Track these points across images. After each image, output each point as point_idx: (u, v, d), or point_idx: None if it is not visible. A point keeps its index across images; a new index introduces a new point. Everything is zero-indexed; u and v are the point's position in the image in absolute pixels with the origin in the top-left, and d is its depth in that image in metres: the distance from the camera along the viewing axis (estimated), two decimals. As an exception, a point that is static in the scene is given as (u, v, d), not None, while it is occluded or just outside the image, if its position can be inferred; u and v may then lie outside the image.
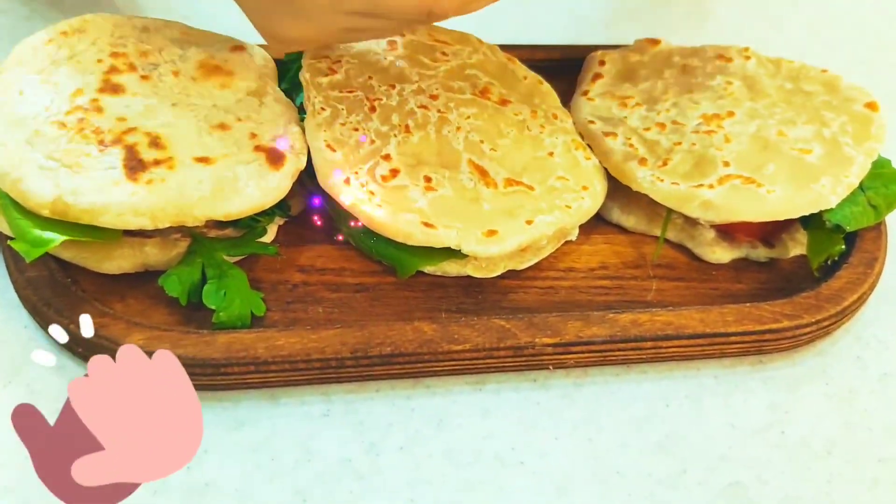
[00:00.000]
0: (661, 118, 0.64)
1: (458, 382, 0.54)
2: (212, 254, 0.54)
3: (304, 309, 0.55)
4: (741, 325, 0.55)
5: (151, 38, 0.60)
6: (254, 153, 0.54)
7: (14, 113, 0.53)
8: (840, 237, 0.58)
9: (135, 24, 0.61)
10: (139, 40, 0.60)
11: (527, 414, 0.53)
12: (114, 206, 0.49)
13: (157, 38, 0.60)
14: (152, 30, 0.61)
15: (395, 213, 0.54)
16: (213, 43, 0.61)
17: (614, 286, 0.59)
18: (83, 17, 0.60)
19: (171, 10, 0.75)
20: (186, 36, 0.61)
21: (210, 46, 0.61)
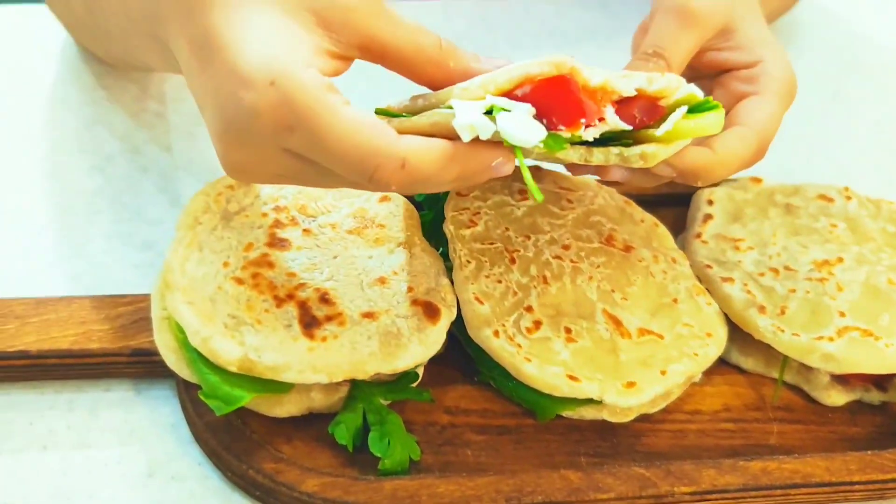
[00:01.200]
0: (773, 263, 0.68)
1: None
2: (371, 399, 0.59)
3: (454, 451, 0.59)
4: (865, 474, 0.58)
5: (307, 190, 0.65)
6: (412, 307, 0.59)
7: (198, 271, 0.58)
8: (955, 389, 0.62)
9: (291, 176, 0.66)
10: (297, 191, 0.65)
11: (665, 558, 0.56)
12: (295, 364, 0.54)
13: (313, 189, 0.66)
14: (306, 181, 0.66)
15: (542, 366, 0.58)
16: (361, 193, 0.67)
17: (738, 429, 0.63)
18: (245, 170, 0.66)
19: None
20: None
21: (359, 197, 0.66)
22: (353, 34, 0.49)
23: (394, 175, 0.46)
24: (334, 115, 0.45)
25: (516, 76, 0.47)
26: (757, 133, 0.59)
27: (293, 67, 0.45)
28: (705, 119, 0.53)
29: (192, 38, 0.50)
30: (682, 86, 0.52)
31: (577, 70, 0.48)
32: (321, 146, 0.46)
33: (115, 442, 0.59)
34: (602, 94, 0.50)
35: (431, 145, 0.46)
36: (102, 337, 0.61)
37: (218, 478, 0.57)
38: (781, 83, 0.61)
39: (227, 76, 0.47)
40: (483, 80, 0.48)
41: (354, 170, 0.46)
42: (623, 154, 0.52)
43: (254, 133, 0.47)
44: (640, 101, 0.51)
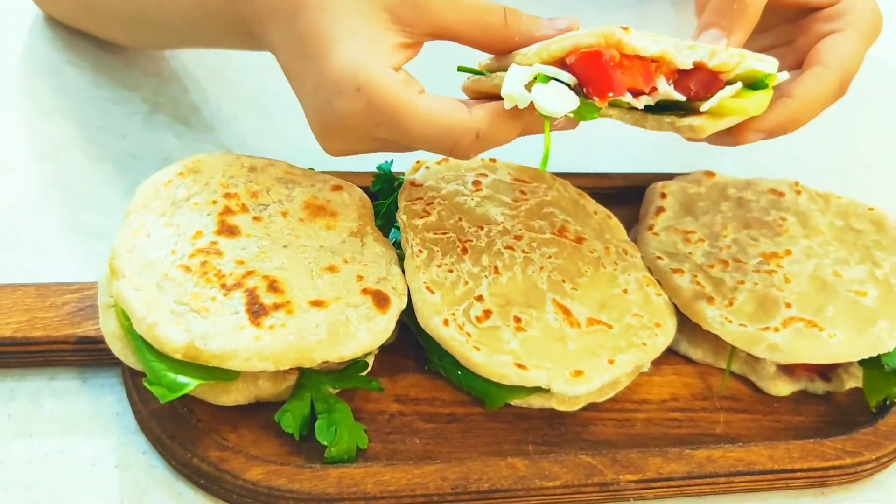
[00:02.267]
0: (723, 255, 0.69)
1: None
2: (319, 387, 0.59)
3: (403, 440, 0.59)
4: (806, 462, 0.59)
5: (259, 178, 0.65)
6: (361, 296, 0.59)
7: (144, 257, 0.58)
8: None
9: (243, 164, 0.66)
10: (248, 180, 0.65)
11: (610, 546, 0.57)
12: (241, 352, 0.54)
13: (264, 177, 0.65)
14: (259, 169, 0.66)
15: (491, 354, 0.58)
16: (314, 182, 0.66)
17: (685, 418, 0.63)
18: (196, 158, 0.65)
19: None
20: (290, 175, 0.66)
21: (312, 186, 0.66)
22: (424, 26, 0.55)
23: (471, 146, 0.53)
24: (414, 107, 0.52)
25: (566, 46, 0.51)
26: (837, 70, 0.59)
27: (375, 74, 0.53)
28: (751, 101, 0.54)
29: (289, 42, 0.57)
30: (744, 61, 0.53)
31: (624, 42, 0.50)
32: (406, 134, 0.54)
33: (57, 431, 0.58)
34: (660, 64, 0.52)
35: (497, 114, 0.53)
36: (47, 324, 0.60)
37: (163, 466, 0.57)
38: (865, 19, 0.61)
39: (321, 82, 0.55)
40: (538, 47, 0.52)
41: (437, 147, 0.54)
42: (675, 123, 0.54)
43: (348, 130, 0.56)
44: (700, 73, 0.53)
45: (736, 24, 0.57)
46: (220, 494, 0.55)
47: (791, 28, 0.65)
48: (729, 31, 0.57)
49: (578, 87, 0.51)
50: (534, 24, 0.55)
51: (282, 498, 0.54)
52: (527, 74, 0.51)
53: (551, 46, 0.51)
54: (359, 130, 0.55)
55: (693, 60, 0.52)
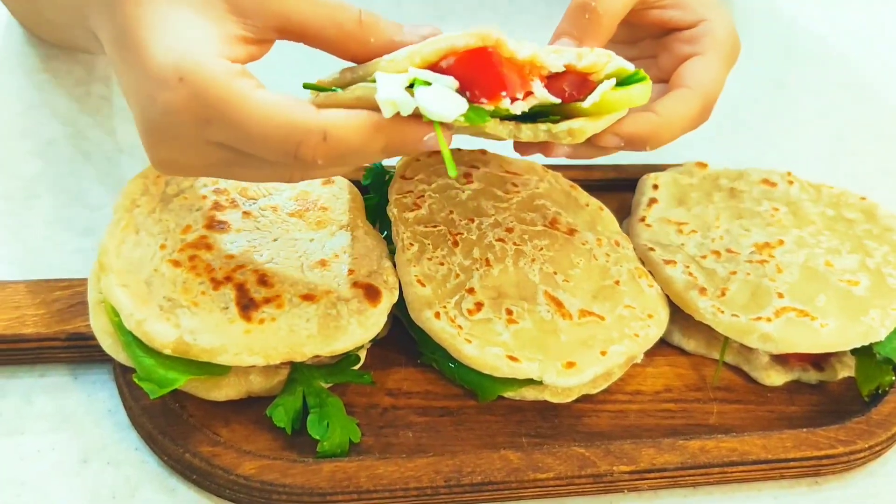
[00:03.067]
0: (715, 245, 0.69)
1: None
2: (311, 381, 0.58)
3: (395, 434, 0.59)
4: (800, 451, 0.59)
5: (249, 173, 0.65)
6: (352, 289, 0.58)
7: (133, 253, 0.57)
8: (889, 368, 0.63)
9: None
10: (238, 175, 0.64)
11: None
12: (231, 347, 0.54)
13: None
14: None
15: (483, 346, 0.58)
16: (304, 176, 0.66)
17: (679, 409, 0.63)
18: (186, 153, 0.65)
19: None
20: (280, 169, 0.66)
21: (302, 179, 0.66)
22: (268, 17, 0.49)
23: (318, 148, 0.45)
24: (247, 100, 0.45)
25: (441, 48, 0.47)
26: (700, 94, 0.59)
27: (201, 61, 0.46)
28: (632, 90, 0.52)
29: (112, 33, 0.50)
30: (612, 60, 0.52)
31: (502, 42, 0.48)
32: (240, 132, 0.46)
33: (48, 428, 0.57)
34: (531, 68, 0.50)
35: (352, 116, 0.46)
36: (37, 321, 0.59)
37: (155, 462, 0.57)
38: (724, 43, 0.61)
39: (141, 76, 0.47)
40: (409, 51, 0.47)
41: (278, 149, 0.46)
42: (551, 130, 0.52)
43: (174, 130, 0.47)
44: (570, 75, 0.51)
45: (587, 34, 0.56)
46: (212, 490, 0.55)
47: (654, 44, 0.64)
48: (580, 42, 0.56)
49: (461, 90, 0.47)
50: (392, 28, 0.50)
51: (274, 493, 0.53)
52: (402, 80, 0.46)
53: (424, 49, 0.47)
54: (186, 131, 0.47)
55: (564, 63, 0.51)
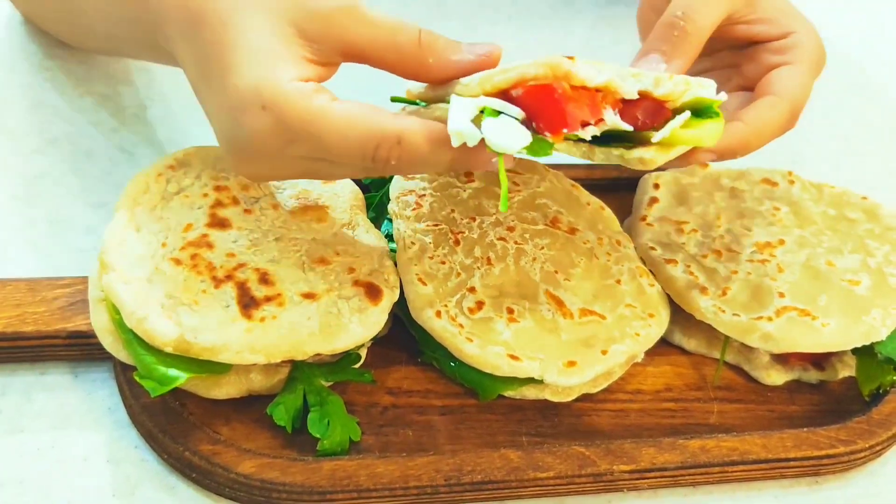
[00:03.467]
0: (716, 245, 0.69)
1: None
2: (311, 380, 0.58)
3: (395, 432, 0.59)
4: (800, 451, 0.59)
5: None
6: (353, 288, 0.58)
7: (135, 251, 0.57)
8: (891, 368, 0.62)
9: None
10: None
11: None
12: (233, 345, 0.54)
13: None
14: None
15: (484, 345, 0.58)
16: (305, 174, 0.66)
17: (679, 409, 0.63)
18: (187, 150, 0.65)
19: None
20: (281, 168, 0.66)
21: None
22: (332, 42, 0.51)
23: (392, 150, 0.48)
24: (326, 114, 0.48)
25: (511, 77, 0.48)
26: (789, 101, 0.60)
27: (279, 85, 0.49)
28: (703, 129, 0.53)
29: (192, 58, 0.54)
30: (690, 89, 0.52)
31: (572, 74, 0.48)
32: (323, 147, 0.49)
33: (49, 426, 0.58)
34: (605, 94, 0.50)
35: (425, 126, 0.49)
36: (38, 319, 0.59)
37: (154, 461, 0.57)
38: (813, 53, 0.62)
39: (224, 102, 0.51)
40: (481, 78, 0.49)
41: (358, 154, 0.49)
42: (623, 156, 0.52)
43: (259, 151, 0.51)
44: (646, 102, 0.51)
45: (677, 50, 0.57)
46: (212, 488, 0.55)
47: (735, 54, 0.65)
48: (669, 58, 0.57)
49: (527, 121, 0.48)
50: (451, 48, 0.51)
51: (274, 491, 0.53)
52: (472, 107, 0.48)
53: (495, 77, 0.48)
54: (272, 150, 0.51)
55: (638, 89, 0.51)
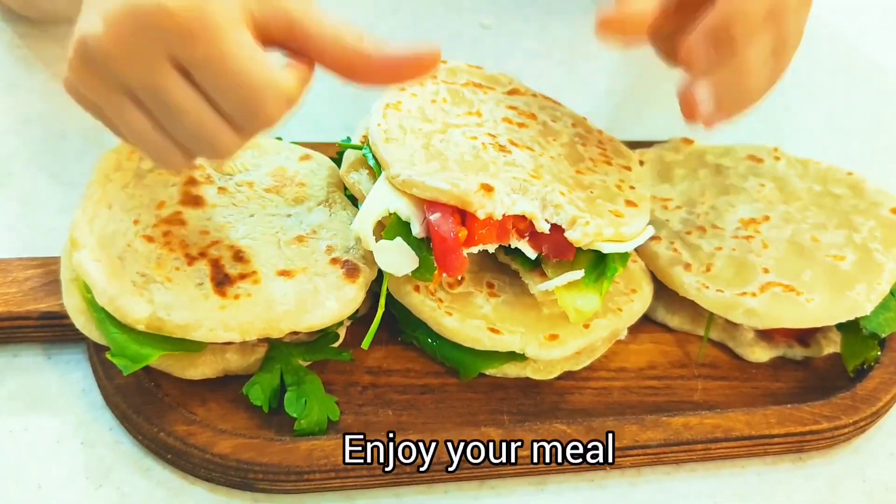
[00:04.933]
0: (700, 221, 0.68)
1: (521, 483, 0.57)
2: (289, 359, 0.57)
3: (375, 412, 0.58)
4: (784, 427, 0.59)
5: (225, 148, 0.64)
6: (330, 265, 0.57)
7: (106, 228, 0.56)
8: (875, 343, 0.62)
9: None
10: (214, 150, 0.63)
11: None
12: (206, 322, 0.52)
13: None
14: (225, 139, 0.64)
15: (464, 319, 0.57)
16: (281, 151, 0.65)
17: (663, 386, 0.63)
18: (160, 128, 0.64)
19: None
20: (258, 146, 0.65)
21: (279, 155, 0.64)
22: (281, 12, 0.48)
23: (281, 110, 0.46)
24: (244, 42, 0.45)
25: (427, 196, 0.54)
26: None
27: None
28: (582, 299, 0.56)
29: None
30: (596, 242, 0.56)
31: (478, 211, 0.53)
32: (221, 64, 0.45)
33: (22, 409, 0.56)
34: (519, 221, 0.56)
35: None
36: (9, 300, 0.58)
37: (129, 442, 0.56)
38: None
39: None
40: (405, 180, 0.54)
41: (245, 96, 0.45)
42: (521, 272, 0.59)
43: (152, 25, 0.44)
44: (555, 236, 0.56)
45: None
46: (188, 469, 0.54)
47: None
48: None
49: (425, 240, 0.54)
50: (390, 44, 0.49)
51: (251, 472, 0.53)
52: (382, 210, 0.54)
53: (413, 189, 0.54)
54: (162, 33, 0.44)
55: (552, 224, 0.56)
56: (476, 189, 0.53)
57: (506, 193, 0.55)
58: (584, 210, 0.56)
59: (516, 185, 0.55)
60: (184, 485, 0.54)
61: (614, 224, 0.56)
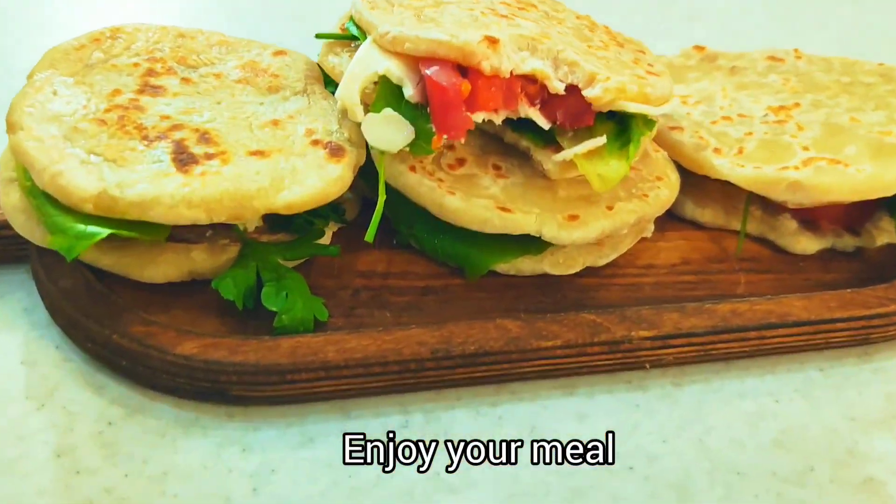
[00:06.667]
0: (724, 112, 0.61)
1: (545, 387, 0.48)
2: (266, 257, 0.49)
3: (370, 314, 0.50)
4: (847, 311, 0.50)
5: (189, 44, 0.57)
6: (311, 147, 0.50)
7: (48, 110, 0.48)
8: (940, 213, 0.54)
9: (171, 32, 0.57)
10: (176, 45, 0.56)
11: (627, 417, 0.47)
12: (165, 198, 0.44)
13: (195, 44, 0.57)
14: (189, 36, 0.57)
15: (469, 198, 0.49)
16: (252, 48, 0.58)
17: (700, 280, 0.54)
18: (115, 26, 0.57)
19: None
20: (225, 43, 0.58)
21: (250, 52, 0.57)
22: None
23: None
24: None
25: (422, 49, 0.46)
26: None
27: None
28: (604, 166, 0.48)
29: None
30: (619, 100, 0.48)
31: (483, 66, 0.46)
32: None
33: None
34: (528, 83, 0.48)
35: None
36: (-61, 212, 0.50)
37: (79, 359, 0.47)
38: None
39: None
40: (394, 36, 0.46)
41: None
42: (531, 151, 0.52)
43: None
44: (571, 99, 0.48)
45: None
46: (145, 378, 0.45)
47: None
48: None
49: (422, 104, 0.47)
50: None
51: (222, 373, 0.44)
52: (370, 74, 0.47)
53: (406, 44, 0.46)
54: None
55: (567, 84, 0.48)
56: (479, 40, 0.46)
57: (512, 50, 0.47)
58: (603, 68, 0.49)
59: (523, 44, 0.48)
60: (143, 402, 0.45)
61: (638, 83, 0.49)
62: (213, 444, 0.44)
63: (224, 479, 0.42)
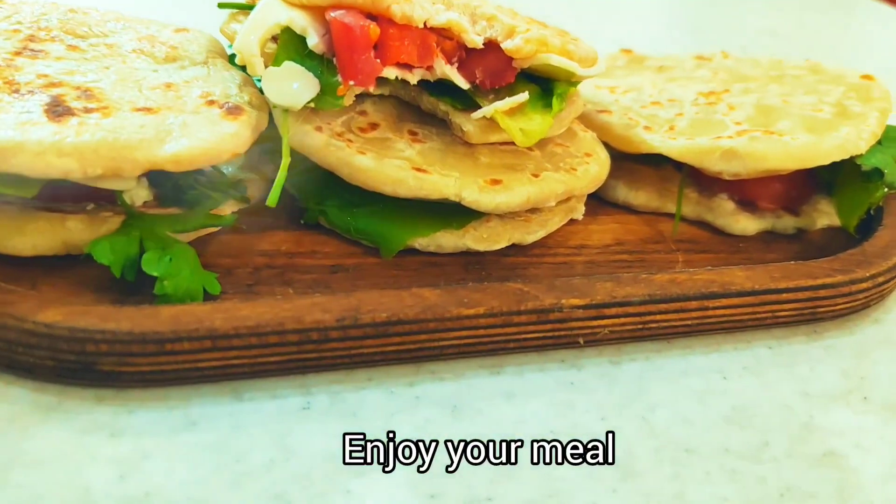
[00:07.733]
0: (654, 98, 0.59)
1: (469, 366, 0.43)
2: (152, 228, 0.43)
3: (271, 290, 0.44)
4: (792, 281, 0.47)
5: (81, 18, 0.52)
6: (206, 107, 0.45)
7: None
8: (879, 183, 0.52)
9: (61, 7, 0.53)
10: (66, 19, 0.52)
11: (561, 396, 0.42)
12: (31, 145, 0.39)
13: (88, 18, 0.52)
14: (81, 12, 0.53)
15: (381, 158, 0.45)
16: (152, 26, 0.54)
17: (636, 259, 0.51)
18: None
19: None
20: (123, 20, 0.54)
21: (148, 29, 0.53)
22: None
23: None
24: None
25: None
26: None
27: None
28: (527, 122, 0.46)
29: None
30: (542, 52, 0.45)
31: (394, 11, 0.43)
32: None
33: None
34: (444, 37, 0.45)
35: None
36: None
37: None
38: None
39: None
40: None
41: None
42: (449, 115, 0.48)
43: None
44: (491, 55, 0.45)
45: None
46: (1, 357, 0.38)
47: None
48: None
49: (328, 55, 0.43)
50: None
51: (90, 342, 0.37)
52: (271, 24, 0.43)
53: None
54: None
55: (486, 40, 0.45)
56: None
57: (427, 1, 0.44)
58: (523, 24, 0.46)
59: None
60: (-4, 386, 0.38)
61: (560, 38, 0.46)
62: (76, 430, 0.37)
63: (84, 466, 0.35)
